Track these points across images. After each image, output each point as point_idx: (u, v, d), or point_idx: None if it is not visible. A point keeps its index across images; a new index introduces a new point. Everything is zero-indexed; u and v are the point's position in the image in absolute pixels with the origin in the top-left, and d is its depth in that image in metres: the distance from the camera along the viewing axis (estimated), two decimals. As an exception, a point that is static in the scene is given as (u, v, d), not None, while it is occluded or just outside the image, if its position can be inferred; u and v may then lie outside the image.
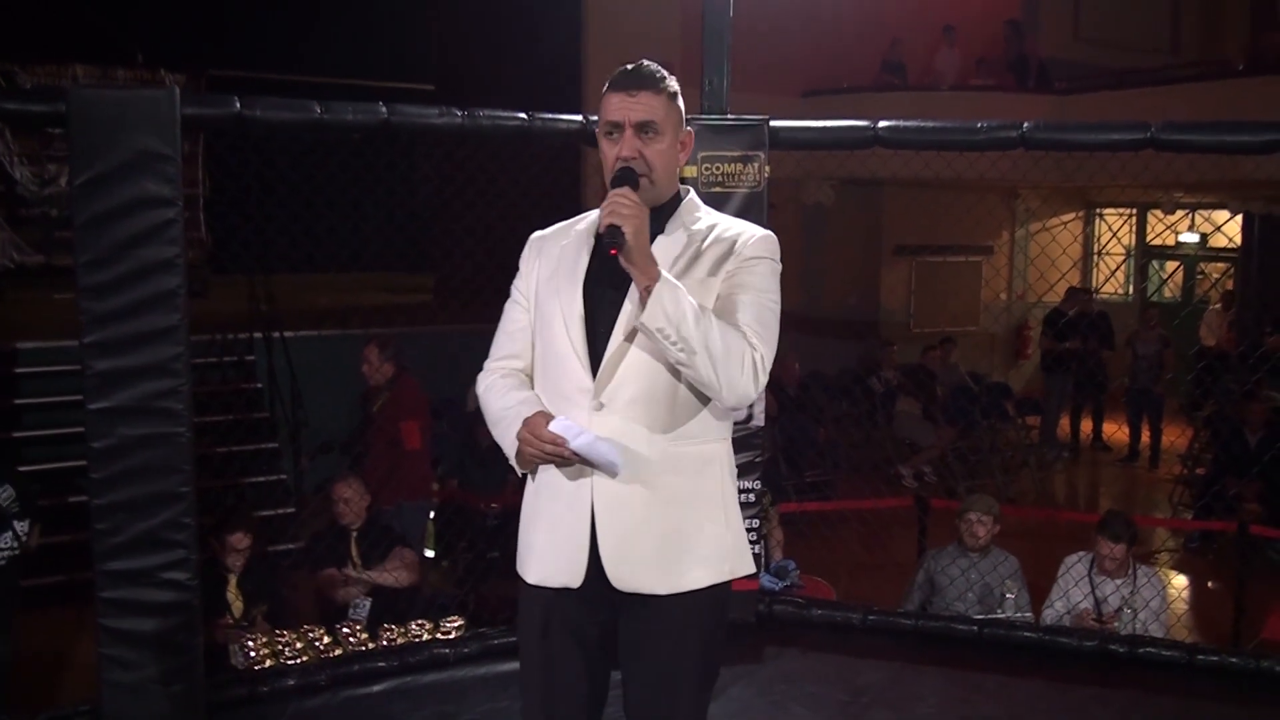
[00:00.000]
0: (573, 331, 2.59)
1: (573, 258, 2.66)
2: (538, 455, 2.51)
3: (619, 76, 2.59)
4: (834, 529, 7.78)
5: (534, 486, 2.68)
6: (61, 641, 6.41)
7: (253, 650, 4.61)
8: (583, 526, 2.56)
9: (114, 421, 3.77)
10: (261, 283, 8.93)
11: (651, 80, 2.57)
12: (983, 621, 5.02)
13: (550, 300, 2.65)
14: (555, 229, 2.79)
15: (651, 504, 2.56)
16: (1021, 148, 4.58)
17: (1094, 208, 16.61)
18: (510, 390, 2.69)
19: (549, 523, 2.62)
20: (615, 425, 2.54)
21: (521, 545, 2.71)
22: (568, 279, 2.64)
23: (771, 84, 11.92)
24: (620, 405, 2.55)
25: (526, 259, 2.78)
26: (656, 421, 2.57)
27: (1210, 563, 8.60)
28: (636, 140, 2.55)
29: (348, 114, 4.13)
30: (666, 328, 2.41)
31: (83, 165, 3.69)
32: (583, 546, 2.56)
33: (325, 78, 10.63)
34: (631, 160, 2.54)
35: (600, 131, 2.61)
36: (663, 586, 2.57)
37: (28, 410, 8.09)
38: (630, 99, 2.55)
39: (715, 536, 2.63)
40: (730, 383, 2.48)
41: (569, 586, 2.58)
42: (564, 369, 2.60)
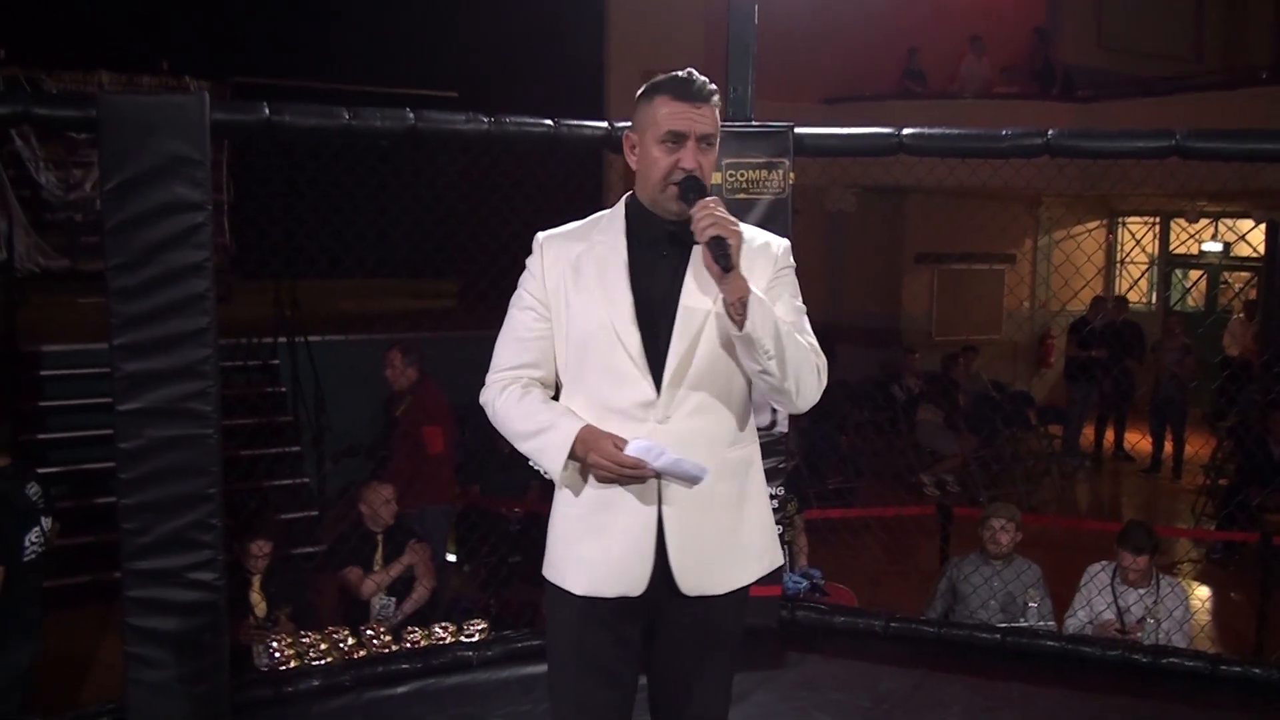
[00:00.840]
0: (630, 345, 2.57)
1: (607, 265, 2.62)
2: (613, 478, 2.52)
3: (677, 85, 2.57)
4: (856, 536, 7.77)
5: (574, 499, 2.65)
6: (86, 641, 6.45)
7: (277, 651, 4.63)
8: (649, 536, 2.58)
9: (142, 423, 3.80)
10: (286, 287, 8.98)
11: (711, 94, 2.59)
12: (1005, 630, 5.01)
13: (590, 310, 2.60)
14: (567, 231, 2.73)
15: (711, 509, 2.62)
16: (1046, 155, 4.57)
17: (1117, 216, 16.54)
18: (536, 403, 2.65)
19: (610, 534, 2.60)
20: (678, 435, 2.56)
21: (560, 557, 2.69)
22: (611, 288, 2.60)
23: (794, 91, 11.95)
24: (683, 416, 2.58)
25: (539, 261, 2.69)
26: (716, 430, 2.63)
27: (1233, 574, 8.55)
28: (698, 153, 2.57)
29: (375, 120, 4.16)
30: (765, 339, 2.47)
31: (113, 170, 3.73)
32: (648, 555, 2.58)
33: (348, 84, 10.65)
34: (694, 171, 2.56)
35: (652, 137, 2.57)
36: (721, 586, 2.65)
37: (52, 413, 8.15)
38: (695, 111, 2.56)
39: (759, 534, 2.74)
40: (802, 389, 2.58)
41: (627, 595, 2.60)
42: (620, 383, 2.58)
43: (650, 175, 2.59)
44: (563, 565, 2.68)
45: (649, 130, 2.58)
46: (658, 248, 2.63)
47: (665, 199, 2.59)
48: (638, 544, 2.58)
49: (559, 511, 2.71)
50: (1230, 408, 10.29)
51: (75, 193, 10.65)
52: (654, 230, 2.63)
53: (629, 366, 2.57)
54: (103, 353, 3.88)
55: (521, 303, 2.70)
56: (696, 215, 2.45)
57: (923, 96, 13.73)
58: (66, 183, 10.64)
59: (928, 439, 11.34)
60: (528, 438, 2.63)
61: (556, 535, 2.72)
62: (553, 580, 2.70)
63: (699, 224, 2.44)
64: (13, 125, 6.73)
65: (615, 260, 2.62)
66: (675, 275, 2.61)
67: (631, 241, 2.64)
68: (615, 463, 2.48)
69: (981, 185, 5.49)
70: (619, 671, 2.70)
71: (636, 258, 2.62)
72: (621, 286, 2.59)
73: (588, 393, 2.62)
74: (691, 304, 2.58)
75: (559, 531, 2.71)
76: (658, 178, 2.57)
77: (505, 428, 2.67)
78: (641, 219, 2.66)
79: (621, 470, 2.48)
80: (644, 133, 2.60)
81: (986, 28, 14.43)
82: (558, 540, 2.71)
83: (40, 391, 8.22)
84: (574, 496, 2.65)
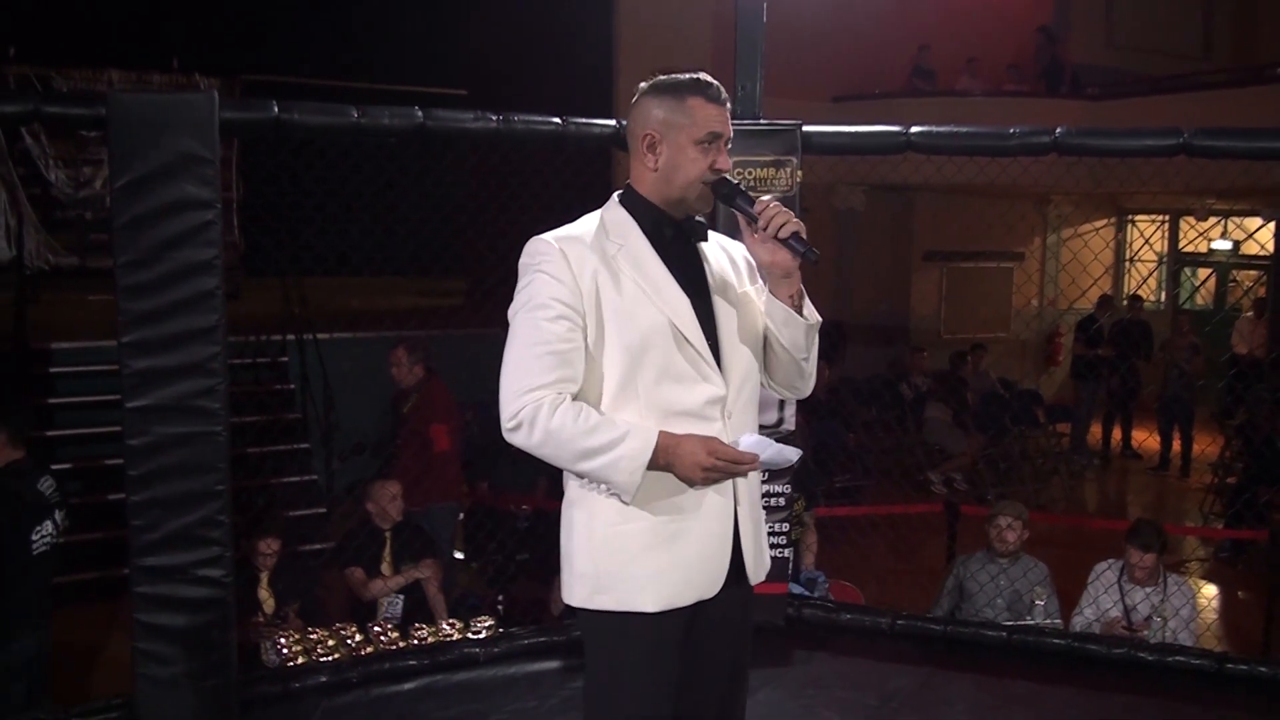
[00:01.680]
0: (696, 342, 2.54)
1: (644, 266, 2.56)
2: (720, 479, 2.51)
3: (706, 87, 2.58)
4: (863, 534, 7.78)
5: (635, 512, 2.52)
6: (95, 637, 6.48)
7: (285, 648, 4.65)
8: (728, 532, 2.60)
9: (151, 420, 3.81)
10: (294, 285, 9.00)
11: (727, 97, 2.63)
12: (1012, 628, 5.01)
13: (642, 313, 2.51)
14: (577, 234, 2.59)
15: (757, 497, 2.73)
16: (1054, 153, 4.57)
17: (1126, 214, 16.52)
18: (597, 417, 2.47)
19: (688, 539, 2.54)
20: (736, 429, 2.59)
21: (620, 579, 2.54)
22: (662, 289, 2.55)
23: (802, 89, 11.93)
24: (740, 410, 2.62)
25: (563, 267, 2.51)
26: (754, 420, 2.69)
27: (1240, 572, 8.54)
28: (726, 153, 2.61)
29: (384, 118, 4.17)
30: (816, 327, 2.59)
31: (122, 168, 3.74)
32: (727, 552, 2.60)
33: (358, 82, 10.67)
34: (727, 171, 2.61)
35: (688, 137, 2.55)
36: (764, 573, 2.73)
37: (62, 410, 8.18)
38: (725, 112, 2.60)
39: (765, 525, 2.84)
40: (811, 378, 2.73)
41: (704, 599, 2.60)
42: (688, 383, 2.53)
43: (681, 174, 2.57)
44: (626, 585, 2.53)
45: (684, 130, 2.56)
46: (674, 245, 2.62)
47: (692, 198, 2.60)
48: (721, 541, 2.60)
49: (611, 531, 2.55)
50: (1238, 406, 10.27)
51: (85, 190, 10.68)
52: (664, 228, 2.62)
53: (699, 364, 2.55)
54: (112, 350, 3.89)
55: (549, 311, 2.49)
56: (765, 215, 2.50)
57: (931, 94, 13.71)
58: (76, 180, 10.67)
59: (936, 437, 11.34)
60: (595, 454, 2.44)
61: (610, 556, 2.55)
62: (610, 608, 2.55)
63: (773, 222, 2.49)
64: (23, 123, 6.76)
65: (651, 260, 2.57)
66: (696, 270, 2.63)
67: (649, 240, 2.61)
68: (732, 460, 2.45)
69: (990, 183, 5.48)
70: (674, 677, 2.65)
71: (662, 256, 2.60)
72: (672, 286, 2.56)
73: (646, 399, 2.51)
74: (726, 295, 2.64)
75: (614, 550, 2.55)
76: (691, 176, 2.57)
77: (565, 447, 2.46)
78: (651, 216, 2.61)
79: (735, 468, 2.47)
80: (676, 131, 2.56)
81: (994, 26, 14.41)
82: (613, 561, 2.55)
83: (50, 388, 8.25)
84: (634, 511, 2.52)
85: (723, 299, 2.62)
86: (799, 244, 2.48)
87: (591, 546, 2.57)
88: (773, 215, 2.49)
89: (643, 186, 2.63)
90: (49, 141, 10.50)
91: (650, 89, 2.61)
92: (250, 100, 4.18)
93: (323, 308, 9.43)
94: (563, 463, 2.51)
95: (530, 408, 2.46)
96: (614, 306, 2.51)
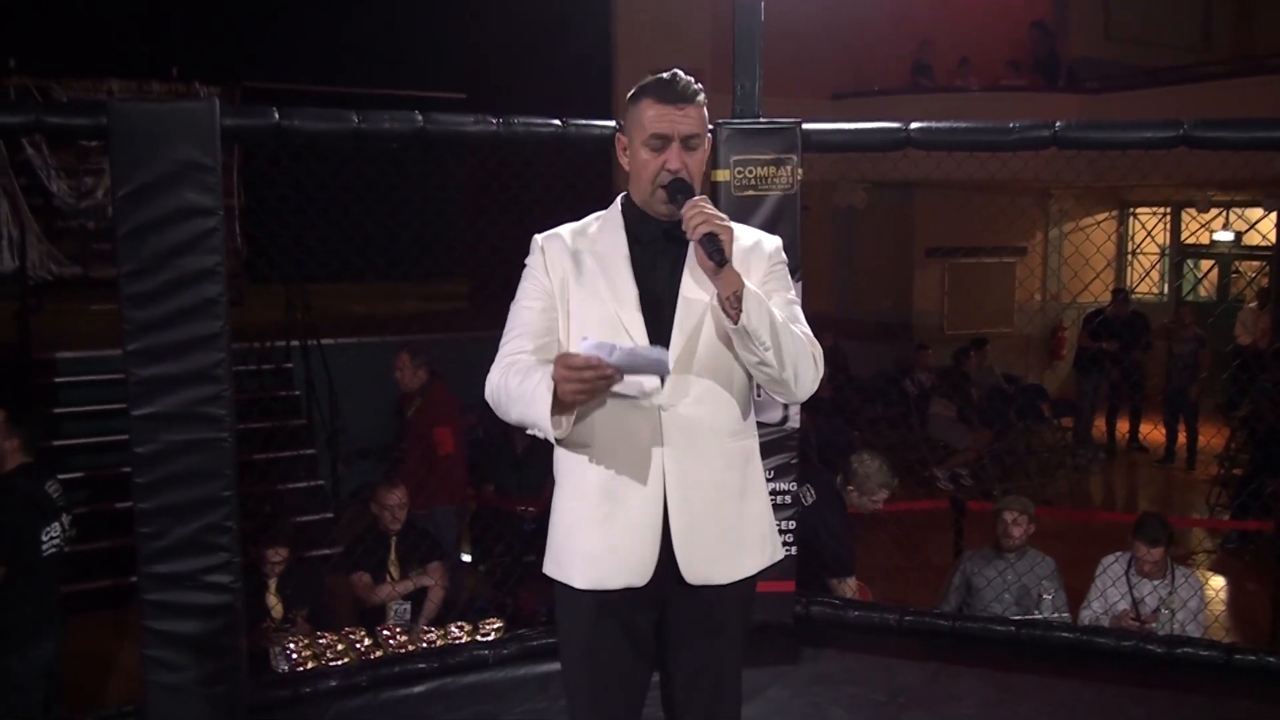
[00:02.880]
0: (635, 335, 2.61)
1: (609, 261, 2.68)
2: (581, 388, 2.38)
3: (660, 88, 2.61)
4: (870, 531, 7.77)
5: (576, 490, 2.67)
6: (105, 645, 6.49)
7: (294, 653, 4.66)
8: (655, 523, 2.60)
9: (157, 427, 3.82)
10: (298, 291, 9.01)
11: (694, 94, 2.62)
12: (1020, 622, 5.01)
13: (594, 303, 2.64)
14: (565, 231, 2.77)
15: (714, 498, 2.66)
16: (1053, 147, 4.57)
17: (1127, 207, 16.51)
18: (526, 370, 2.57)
19: (615, 523, 2.61)
20: (683, 424, 2.61)
21: (563, 550, 2.70)
22: (615, 282, 2.65)
23: (801, 87, 11.94)
24: (687, 404, 2.61)
25: (540, 259, 2.73)
26: (717, 419, 2.66)
27: (1248, 563, 8.53)
28: (683, 153, 2.62)
29: (384, 123, 4.18)
30: (760, 331, 2.50)
31: (124, 177, 3.75)
32: (653, 543, 2.61)
33: (357, 88, 10.70)
34: (679, 172, 2.61)
35: (639, 140, 2.63)
36: (725, 576, 2.68)
37: (67, 419, 8.20)
38: (678, 112, 2.61)
39: (761, 525, 2.77)
40: (800, 379, 2.61)
41: (631, 586, 2.62)
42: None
43: (640, 178, 2.66)
44: (565, 558, 2.70)
45: (636, 133, 2.65)
46: (656, 245, 2.69)
47: (655, 201, 2.66)
48: (643, 532, 2.60)
49: (560, 505, 2.73)
50: (1242, 397, 10.26)
51: (87, 200, 10.71)
52: (651, 229, 2.70)
53: None
54: (116, 359, 3.90)
55: (525, 297, 2.72)
56: (687, 214, 2.50)
57: (930, 91, 13.72)
58: (78, 190, 10.71)
59: (941, 433, 11.34)
60: (516, 401, 2.55)
61: (557, 528, 2.73)
62: (554, 576, 2.72)
63: (690, 222, 2.49)
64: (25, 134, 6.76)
65: (617, 256, 2.68)
66: (674, 271, 2.67)
67: (630, 239, 2.70)
68: (570, 368, 2.36)
69: (990, 178, 5.48)
70: (631, 666, 2.72)
71: (636, 254, 2.68)
72: (625, 280, 2.65)
73: None
74: (691, 297, 2.64)
75: (560, 524, 2.73)
76: (646, 180, 2.64)
77: (503, 404, 2.61)
78: (637, 218, 2.72)
79: (580, 374, 2.35)
80: (632, 136, 2.67)
81: (992, 21, 14.41)
82: (558, 533, 2.73)
83: (55, 398, 8.26)
84: (576, 489, 2.67)
85: (690, 300, 2.63)
86: (709, 246, 2.46)
87: (552, 519, 2.76)
88: (692, 215, 2.49)
89: (629, 189, 2.75)
90: (50, 152, 10.53)
91: (629, 94, 2.70)
92: (251, 107, 4.18)
93: (326, 313, 9.45)
94: (512, 417, 2.60)
95: (489, 379, 2.66)
96: (575, 298, 2.67)
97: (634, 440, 2.60)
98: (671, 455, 2.60)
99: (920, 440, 11.36)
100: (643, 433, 2.60)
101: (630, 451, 2.60)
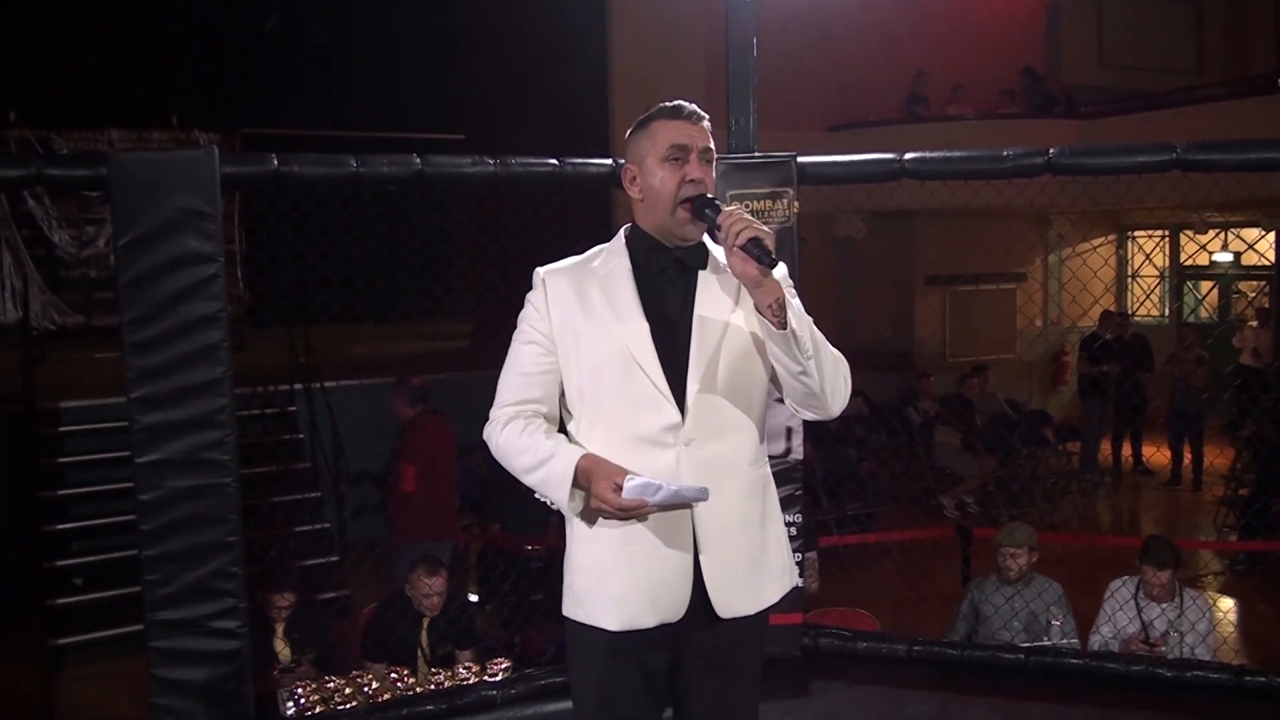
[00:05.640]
0: (651, 371, 2.57)
1: (616, 293, 2.62)
2: (615, 516, 2.48)
3: (672, 109, 2.62)
4: (876, 561, 7.76)
5: (598, 533, 2.62)
6: (112, 696, 6.47)
7: (302, 697, 4.64)
8: (687, 559, 2.58)
9: (162, 474, 3.83)
10: (300, 335, 9.04)
11: (702, 116, 2.63)
12: (1029, 650, 4.99)
13: (604, 339, 2.59)
14: (568, 265, 2.73)
15: (740, 530, 2.65)
16: (1047, 174, 4.59)
17: (1126, 230, 16.55)
18: (538, 435, 2.61)
19: (645, 563, 2.58)
20: (705, 458, 2.58)
21: (590, 594, 2.65)
22: (624, 315, 2.60)
23: (797, 119, 12.02)
24: (708, 439, 2.58)
25: (541, 296, 2.68)
26: (738, 451, 2.64)
27: (1257, 584, 8.50)
28: (702, 165, 2.60)
29: (383, 166, 4.20)
30: (805, 337, 2.47)
31: (125, 226, 3.77)
32: (687, 579, 2.58)
33: (357, 131, 10.78)
34: (701, 184, 2.58)
35: (655, 159, 2.60)
36: (752, 606, 2.67)
37: (72, 468, 8.20)
38: (694, 126, 2.61)
39: (780, 553, 2.76)
40: (835, 392, 2.60)
41: (666, 623, 2.59)
42: (643, 410, 2.57)
43: (659, 198, 2.61)
44: (593, 601, 2.65)
45: (650, 154, 2.61)
46: (665, 274, 2.64)
47: (676, 223, 2.60)
48: (677, 569, 2.58)
49: (582, 548, 2.68)
50: (1246, 417, 10.25)
51: (89, 249, 10.75)
52: (660, 258, 2.65)
53: (651, 392, 2.57)
54: (120, 406, 3.91)
55: (524, 337, 2.69)
56: (726, 223, 2.43)
57: (926, 121, 13.79)
58: (80, 240, 10.75)
59: (946, 461, 11.32)
60: (531, 470, 2.60)
61: (582, 571, 2.68)
62: (580, 619, 2.68)
63: (731, 229, 2.42)
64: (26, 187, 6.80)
65: (624, 288, 2.63)
66: (685, 299, 2.63)
67: (637, 269, 2.65)
68: (614, 508, 2.44)
69: (986, 206, 5.51)
70: (645, 707, 2.70)
71: (644, 285, 2.63)
72: (635, 312, 2.60)
73: (609, 423, 2.60)
74: (707, 324, 2.60)
75: (585, 567, 2.67)
76: (667, 198, 2.59)
77: (508, 462, 2.65)
78: (645, 248, 2.66)
79: (620, 511, 2.44)
80: (644, 159, 2.63)
81: (987, 51, 14.50)
82: (584, 576, 2.67)
83: (59, 447, 8.27)
84: (597, 531, 2.62)
85: (707, 328, 2.59)
86: (756, 249, 2.39)
87: (571, 562, 2.72)
88: (732, 223, 2.42)
89: (639, 219, 2.70)
90: (52, 202, 10.58)
91: (628, 132, 2.69)
92: (250, 154, 4.21)
93: (329, 356, 9.47)
94: (521, 478, 2.65)
95: (491, 425, 2.69)
96: (580, 332, 2.62)
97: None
98: None
99: (925, 469, 11.34)
100: (666, 471, 2.55)
101: None
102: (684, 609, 2.59)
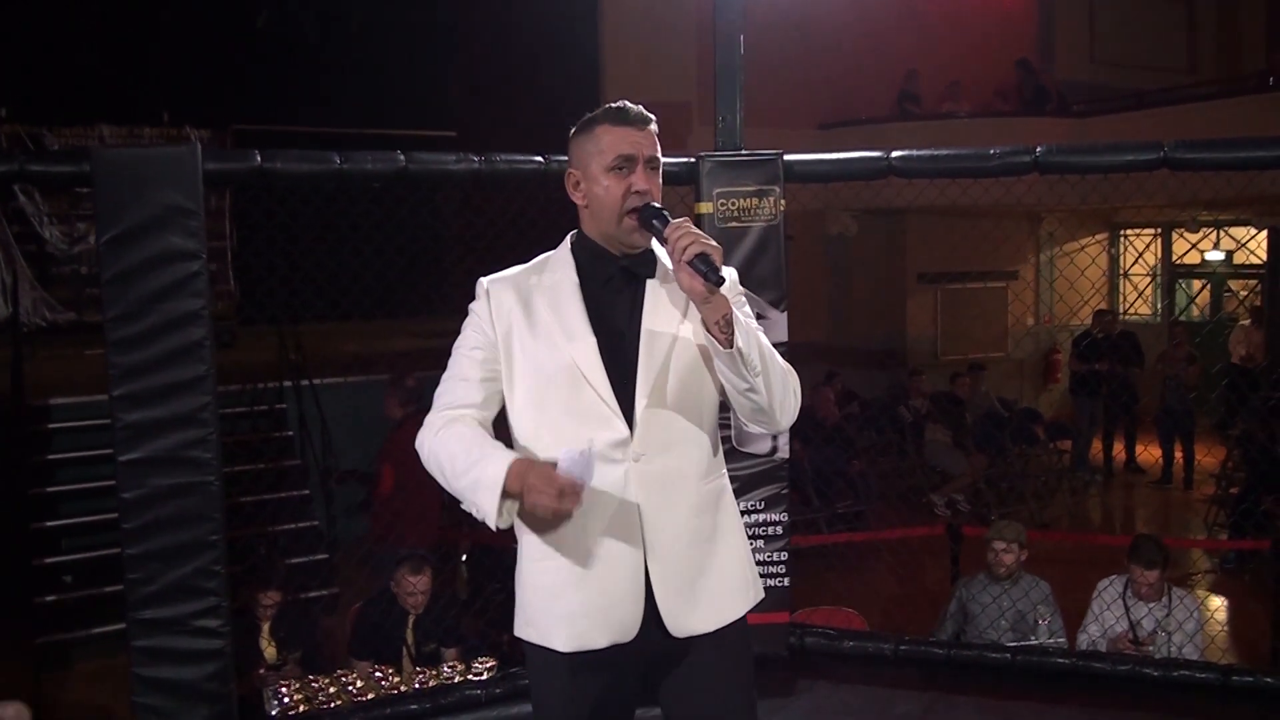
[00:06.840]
0: (599, 386, 2.49)
1: (562, 305, 2.54)
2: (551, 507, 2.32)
3: (615, 113, 2.52)
4: (865, 560, 7.76)
5: (548, 551, 2.54)
6: (97, 694, 6.45)
7: (286, 696, 4.63)
8: (637, 580, 2.50)
9: (144, 472, 3.83)
10: (290, 332, 9.02)
11: (648, 119, 2.54)
12: (1016, 649, 4.99)
13: (549, 352, 2.51)
14: (511, 275, 2.63)
15: (692, 545, 2.56)
16: (1035, 172, 4.58)
17: (1117, 229, 16.55)
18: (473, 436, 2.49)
19: (596, 581, 2.50)
20: (655, 473, 2.50)
21: (540, 614, 2.57)
22: (571, 328, 2.52)
23: (788, 118, 12.01)
24: (658, 453, 2.51)
25: (484, 306, 2.59)
26: (689, 464, 2.56)
27: (1246, 583, 8.51)
28: (648, 176, 2.51)
29: (367, 163, 4.19)
30: (752, 354, 2.39)
31: (108, 223, 3.77)
32: (639, 600, 2.51)
33: (349, 128, 10.76)
34: (647, 195, 2.49)
35: (598, 167, 2.51)
36: (709, 624, 2.57)
37: (61, 465, 8.18)
38: (640, 132, 2.51)
39: (739, 567, 2.65)
40: (784, 406, 2.51)
41: (619, 643, 2.52)
42: (589, 424, 2.48)
43: (604, 207, 2.52)
44: (543, 621, 2.57)
45: (594, 161, 2.52)
46: (611, 284, 2.56)
47: (623, 232, 2.52)
48: (626, 589, 2.50)
49: (531, 566, 2.59)
50: (1235, 415, 10.25)
51: (79, 245, 10.72)
52: (606, 267, 2.57)
53: (599, 406, 2.48)
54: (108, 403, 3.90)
55: (468, 344, 2.60)
56: (672, 237, 2.34)
57: (917, 118, 13.78)
58: (70, 236, 10.72)
59: (937, 459, 11.33)
60: (460, 475, 2.45)
61: (531, 589, 2.60)
62: (533, 640, 2.60)
63: (678, 244, 2.33)
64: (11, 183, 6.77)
65: (570, 299, 2.54)
66: (633, 310, 2.55)
67: (583, 279, 2.57)
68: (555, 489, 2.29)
69: (975, 204, 5.50)
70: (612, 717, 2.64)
71: (591, 295, 2.55)
72: (582, 325, 2.51)
73: (554, 436, 2.49)
74: (654, 336, 2.52)
75: (532, 584, 2.60)
76: (612, 208, 2.50)
77: (439, 467, 2.50)
78: (591, 256, 2.59)
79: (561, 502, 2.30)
80: (588, 165, 2.54)
81: (979, 48, 14.50)
82: (534, 595, 2.59)
83: (49, 444, 8.25)
84: (547, 549, 2.54)
85: (654, 340, 2.52)
86: (703, 265, 2.30)
87: (521, 580, 2.64)
88: (679, 237, 2.33)
89: (584, 226, 2.62)
90: (42, 198, 10.55)
91: (572, 132, 2.60)
92: (233, 151, 4.21)
93: (319, 353, 9.44)
94: (449, 486, 2.50)
95: (425, 430, 2.55)
96: (524, 345, 2.54)
97: (606, 496, 2.47)
98: (648, 508, 2.50)
99: (916, 467, 11.34)
100: (615, 487, 2.48)
101: (604, 508, 2.48)
102: (636, 628, 2.51)
